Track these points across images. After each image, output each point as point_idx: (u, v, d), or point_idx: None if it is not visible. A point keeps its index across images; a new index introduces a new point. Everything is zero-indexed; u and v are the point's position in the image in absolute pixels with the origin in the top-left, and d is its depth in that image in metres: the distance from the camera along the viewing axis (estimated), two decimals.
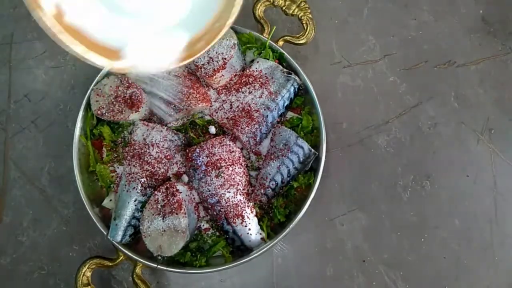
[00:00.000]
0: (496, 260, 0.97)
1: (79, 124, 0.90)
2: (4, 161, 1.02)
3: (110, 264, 0.86)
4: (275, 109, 0.91)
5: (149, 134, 0.88)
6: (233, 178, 0.86)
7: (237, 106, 0.90)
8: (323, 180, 0.88)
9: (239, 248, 0.87)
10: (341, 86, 1.06)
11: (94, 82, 0.91)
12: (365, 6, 1.12)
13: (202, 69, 0.89)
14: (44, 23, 0.53)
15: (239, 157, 0.88)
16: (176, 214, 0.81)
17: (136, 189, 0.86)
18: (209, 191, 0.86)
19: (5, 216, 0.99)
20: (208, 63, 0.89)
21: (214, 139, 0.88)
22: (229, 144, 0.88)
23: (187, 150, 0.88)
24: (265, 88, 0.91)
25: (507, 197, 1.00)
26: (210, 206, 0.86)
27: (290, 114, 0.95)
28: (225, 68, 0.89)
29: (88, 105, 0.91)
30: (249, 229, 0.85)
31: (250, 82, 0.91)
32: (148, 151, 0.87)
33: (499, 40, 1.09)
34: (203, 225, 0.89)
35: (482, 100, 1.06)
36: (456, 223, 0.99)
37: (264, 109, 0.90)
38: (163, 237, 0.81)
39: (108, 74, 0.93)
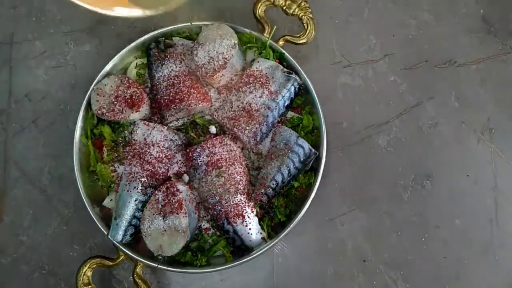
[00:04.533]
0: (496, 259, 0.97)
1: (79, 123, 0.91)
2: (5, 161, 1.02)
3: (111, 263, 0.87)
4: (276, 108, 0.91)
5: (150, 133, 0.88)
6: (234, 178, 0.86)
7: (238, 106, 0.90)
8: (323, 180, 0.88)
9: (239, 248, 0.87)
10: (341, 86, 1.06)
11: (94, 82, 0.91)
12: (365, 6, 1.11)
13: (203, 69, 0.89)
14: None
15: (240, 156, 0.88)
16: (177, 213, 0.81)
17: (137, 189, 0.86)
18: (210, 190, 0.86)
19: (6, 215, 0.99)
20: (208, 62, 0.89)
21: (214, 138, 0.88)
22: (230, 144, 0.88)
23: (188, 150, 0.88)
24: (266, 88, 0.91)
25: (507, 196, 1.00)
26: (210, 206, 0.87)
27: (290, 114, 0.95)
28: (225, 68, 0.89)
29: (89, 104, 0.91)
30: (250, 229, 0.86)
31: (251, 81, 0.91)
32: (148, 150, 0.87)
33: (499, 39, 1.09)
34: (204, 225, 0.89)
35: (482, 100, 1.06)
36: (457, 222, 0.99)
37: (265, 109, 0.90)
38: (163, 237, 0.81)
39: (109, 74, 0.93)
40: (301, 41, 0.97)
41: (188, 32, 0.98)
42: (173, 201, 0.82)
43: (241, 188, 0.86)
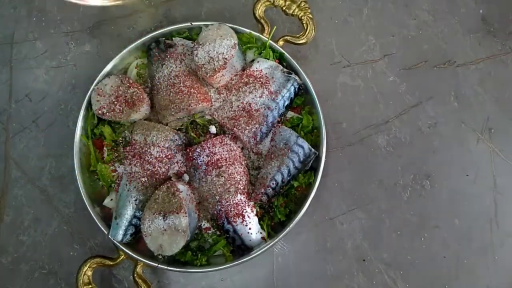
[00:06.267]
0: (496, 259, 0.98)
1: (80, 123, 0.91)
2: (5, 160, 1.02)
3: (111, 263, 0.87)
4: (276, 108, 0.91)
5: (150, 133, 0.88)
6: (234, 178, 0.86)
7: (238, 106, 0.91)
8: (323, 180, 0.89)
9: (239, 247, 0.87)
10: (341, 86, 1.07)
11: (95, 82, 0.92)
12: (365, 6, 1.12)
13: (203, 69, 0.89)
14: None
15: (240, 156, 0.89)
16: (177, 213, 0.81)
17: (137, 189, 0.86)
18: (210, 190, 0.86)
19: (6, 215, 0.99)
20: (208, 63, 0.89)
21: (214, 138, 0.88)
22: (230, 144, 0.88)
23: (188, 150, 0.88)
24: (266, 88, 0.91)
25: (507, 196, 1.01)
26: (210, 205, 0.87)
27: (290, 114, 0.95)
28: (225, 68, 0.89)
29: (89, 104, 0.91)
30: (250, 228, 0.86)
31: (251, 81, 0.92)
32: (149, 150, 0.87)
33: (499, 40, 1.09)
34: (204, 224, 0.90)
35: (482, 100, 1.06)
36: (456, 222, 0.99)
37: (265, 109, 0.90)
38: (163, 236, 0.82)
39: (109, 74, 0.94)
40: (301, 41, 0.97)
41: (188, 32, 0.99)
42: (173, 200, 0.82)
43: (241, 187, 0.86)
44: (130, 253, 0.85)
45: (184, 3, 1.12)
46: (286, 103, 0.93)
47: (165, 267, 0.85)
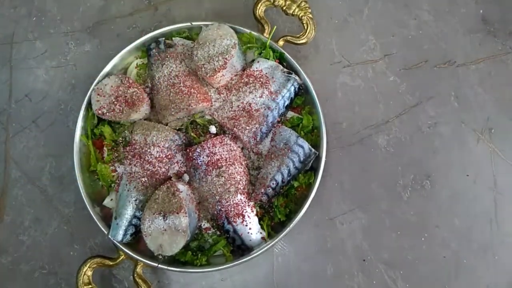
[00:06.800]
0: (496, 259, 0.98)
1: (80, 123, 0.91)
2: (5, 160, 1.02)
3: (111, 263, 0.87)
4: (276, 108, 0.91)
5: (150, 133, 0.88)
6: (234, 178, 0.86)
7: (238, 106, 0.91)
8: (323, 180, 0.89)
9: (239, 247, 0.87)
10: (341, 86, 1.07)
11: (95, 82, 0.92)
12: (365, 6, 1.12)
13: (203, 69, 0.89)
14: None
15: (240, 156, 0.89)
16: (177, 213, 0.81)
17: (137, 189, 0.86)
18: (210, 190, 0.86)
19: (6, 215, 0.99)
20: (208, 63, 0.89)
21: (214, 138, 0.88)
22: (230, 144, 0.88)
23: (188, 150, 0.88)
24: (266, 88, 0.91)
25: (507, 196, 1.01)
26: (210, 206, 0.87)
27: (290, 114, 0.95)
28: (225, 68, 0.89)
29: (89, 104, 0.91)
30: (250, 228, 0.86)
31: (251, 81, 0.92)
32: (149, 150, 0.87)
33: (499, 40, 1.09)
34: (204, 224, 0.90)
35: (482, 100, 1.06)
36: (456, 222, 0.99)
37: (265, 109, 0.90)
38: (163, 236, 0.82)
39: (109, 74, 0.94)
40: (301, 41, 0.97)
41: (188, 32, 0.99)
42: (173, 200, 0.82)
43: (241, 187, 0.86)
44: (130, 253, 0.85)
45: (184, 3, 1.12)
46: (286, 103, 0.93)
47: (165, 267, 0.85)
